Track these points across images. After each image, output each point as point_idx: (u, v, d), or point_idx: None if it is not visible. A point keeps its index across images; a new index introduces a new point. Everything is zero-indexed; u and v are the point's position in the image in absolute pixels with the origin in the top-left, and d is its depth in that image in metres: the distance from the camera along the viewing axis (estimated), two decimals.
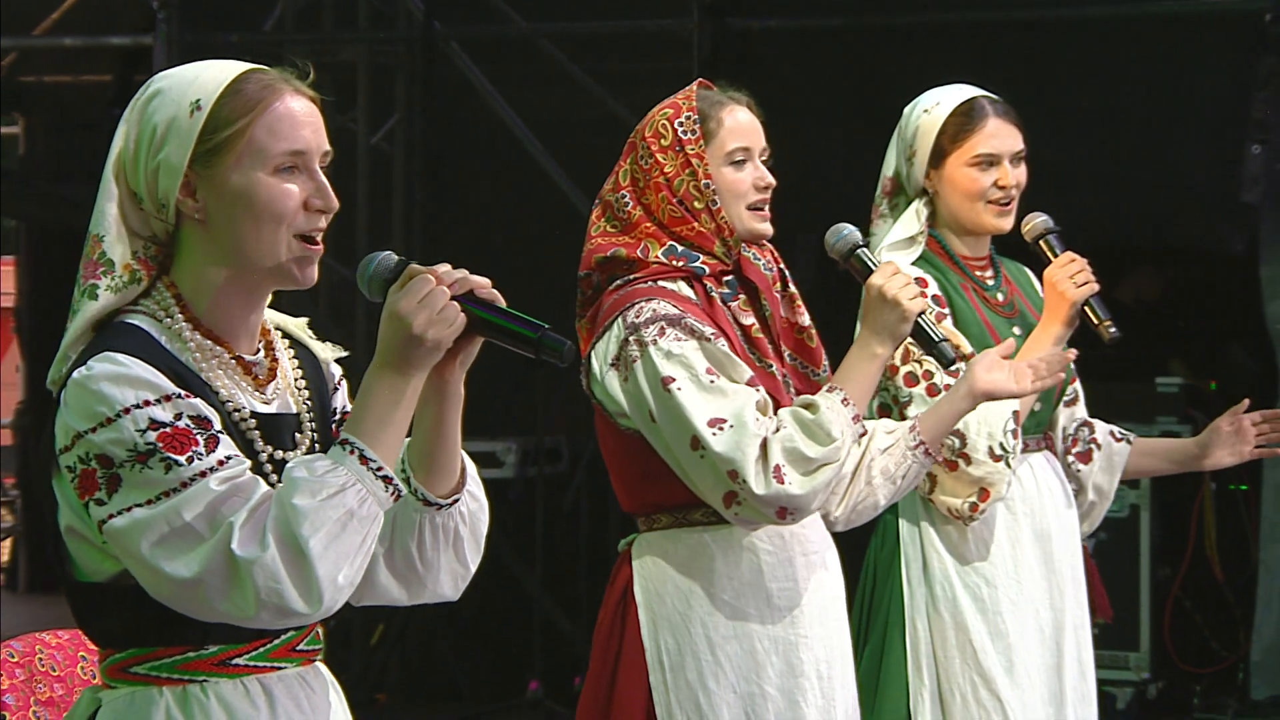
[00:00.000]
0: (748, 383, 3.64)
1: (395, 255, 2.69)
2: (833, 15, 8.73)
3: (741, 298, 3.81)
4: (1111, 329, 4.41)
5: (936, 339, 3.80)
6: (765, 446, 3.58)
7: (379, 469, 2.58)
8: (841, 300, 4.00)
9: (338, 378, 2.90)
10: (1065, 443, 4.56)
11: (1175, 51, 8.29)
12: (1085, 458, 4.59)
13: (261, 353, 2.77)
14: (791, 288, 3.88)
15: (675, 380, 3.61)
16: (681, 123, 3.79)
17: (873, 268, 3.79)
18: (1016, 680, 4.29)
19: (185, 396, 2.58)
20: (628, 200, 3.81)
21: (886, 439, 3.88)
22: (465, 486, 2.80)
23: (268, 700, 2.69)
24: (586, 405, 3.83)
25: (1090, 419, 4.61)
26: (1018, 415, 4.24)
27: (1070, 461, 4.57)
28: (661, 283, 3.74)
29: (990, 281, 4.48)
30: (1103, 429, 4.62)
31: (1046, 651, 4.37)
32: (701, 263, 3.77)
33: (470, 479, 2.82)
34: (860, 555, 4.44)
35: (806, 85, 8.67)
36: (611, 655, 3.77)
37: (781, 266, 3.88)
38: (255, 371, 2.73)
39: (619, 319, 3.70)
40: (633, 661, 3.73)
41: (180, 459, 2.53)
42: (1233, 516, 8.65)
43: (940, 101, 4.44)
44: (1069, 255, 4.42)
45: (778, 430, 3.60)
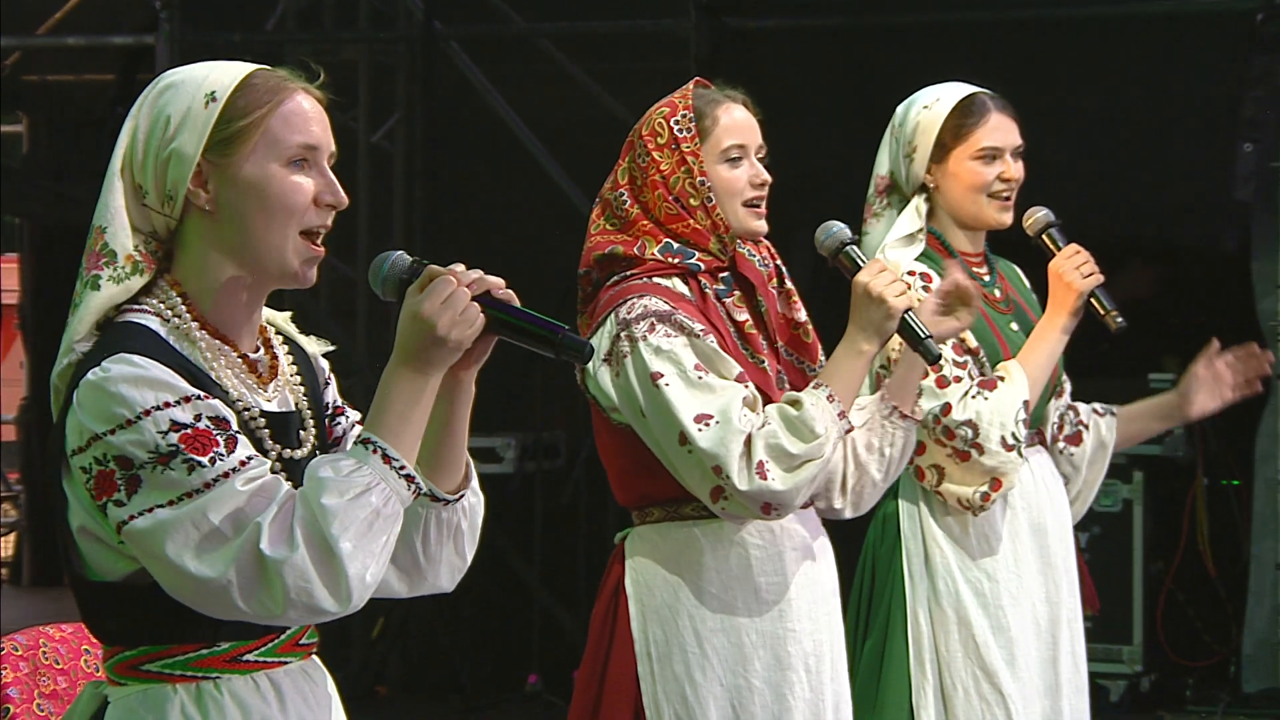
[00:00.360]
0: (736, 379, 3.65)
1: (408, 255, 2.70)
2: (830, 15, 8.73)
3: (736, 294, 3.81)
4: (1118, 319, 4.44)
5: (922, 336, 3.80)
6: (749, 443, 3.59)
7: (401, 468, 2.59)
8: (835, 297, 4.00)
9: (327, 372, 2.90)
10: (1054, 430, 4.57)
11: (1168, 51, 8.29)
12: (1075, 440, 4.61)
13: (261, 350, 2.77)
14: (788, 283, 3.88)
15: (664, 376, 3.62)
16: (677, 121, 3.79)
17: (860, 265, 3.80)
18: (1017, 673, 4.31)
19: (204, 398, 2.58)
20: (625, 199, 3.81)
21: (860, 415, 3.88)
22: (469, 482, 2.81)
23: (277, 695, 2.70)
24: (584, 401, 3.84)
25: (1074, 402, 4.62)
26: (1028, 405, 4.27)
27: (1062, 448, 4.58)
28: (656, 279, 3.75)
29: (987, 278, 4.49)
30: (1085, 409, 4.64)
31: (1043, 644, 4.38)
32: (697, 259, 3.77)
33: (471, 475, 2.83)
34: (857, 547, 4.45)
35: (803, 84, 8.67)
36: (603, 647, 3.78)
37: (778, 262, 3.88)
38: (259, 369, 2.74)
39: (612, 315, 3.71)
40: (622, 653, 3.74)
41: (203, 460, 2.53)
42: (1225, 511, 8.66)
43: (940, 98, 4.44)
44: (1074, 247, 4.44)
45: (763, 426, 3.61)
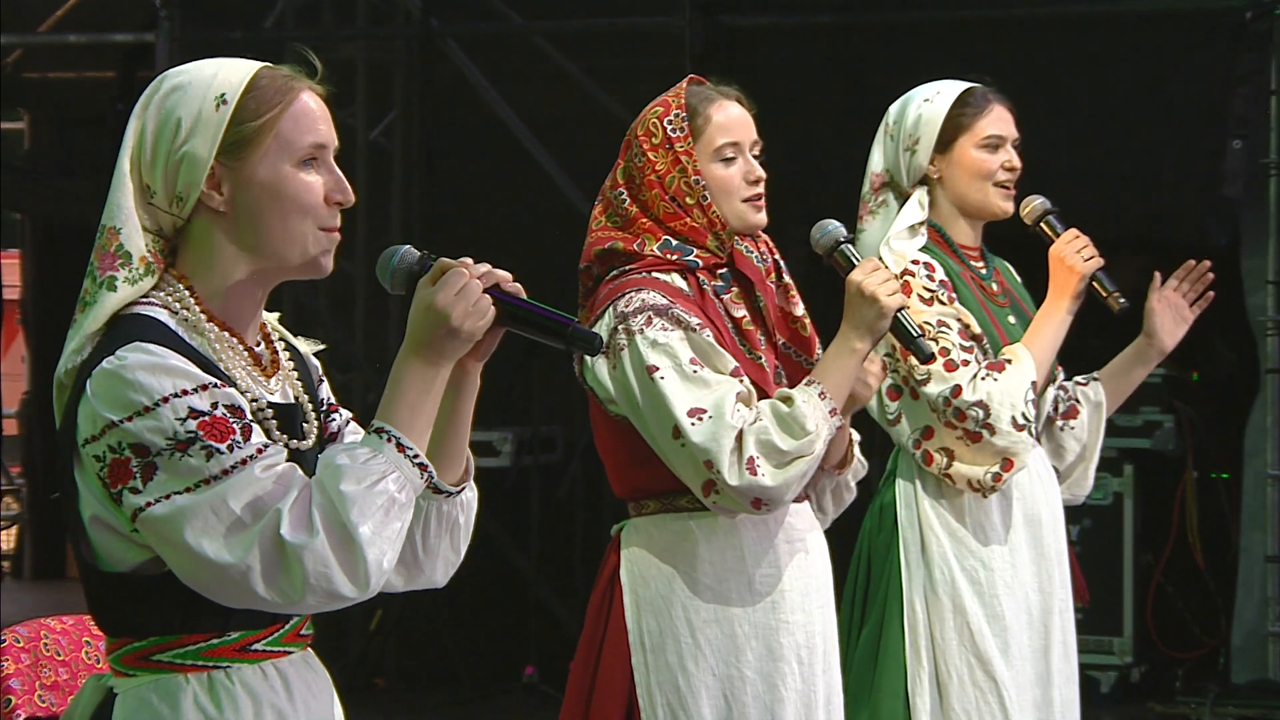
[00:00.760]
0: (731, 373, 3.65)
1: (416, 249, 2.71)
2: (822, 12, 8.73)
3: (734, 290, 3.81)
4: (1121, 300, 4.47)
5: (914, 334, 3.81)
6: (741, 438, 3.59)
7: (415, 456, 2.60)
8: (830, 293, 4.00)
9: (319, 371, 2.90)
10: (1050, 412, 4.58)
11: (1158, 48, 8.30)
12: (1072, 413, 4.62)
13: (263, 344, 2.78)
14: (786, 278, 3.88)
15: (659, 369, 3.62)
16: (670, 121, 3.79)
17: (854, 263, 3.80)
18: (1011, 661, 4.33)
19: (220, 386, 2.58)
20: (624, 197, 3.81)
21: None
22: (470, 475, 2.82)
23: (284, 684, 2.71)
24: (581, 396, 3.84)
25: (1063, 383, 4.63)
26: (1035, 386, 4.30)
27: (1061, 425, 4.59)
28: (655, 274, 3.75)
29: (984, 271, 4.52)
30: (1071, 385, 4.65)
31: (1035, 634, 4.39)
32: (695, 256, 3.77)
33: (471, 468, 2.84)
34: (853, 537, 4.46)
35: (797, 81, 8.68)
36: (597, 637, 3.78)
37: (777, 257, 3.88)
38: (262, 362, 2.74)
39: (610, 308, 3.71)
40: (616, 643, 3.74)
41: (221, 447, 2.53)
42: (1214, 504, 8.67)
43: (940, 91, 4.47)
44: (1073, 232, 4.49)
45: (754, 422, 3.61)
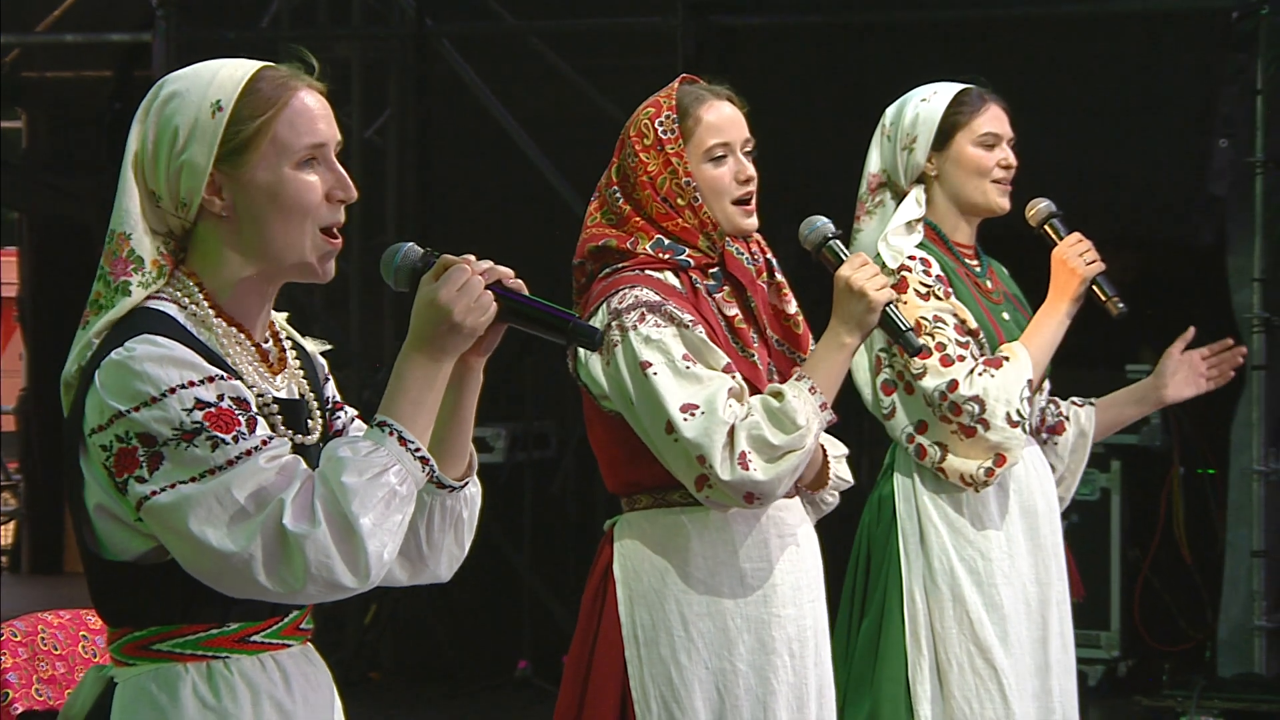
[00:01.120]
0: (724, 370, 3.66)
1: (419, 247, 2.72)
2: (813, 13, 8.73)
3: (726, 289, 3.82)
4: (1119, 304, 4.50)
5: (903, 328, 3.82)
6: (733, 433, 3.60)
7: (417, 450, 2.61)
8: (819, 291, 4.01)
9: (325, 370, 2.91)
10: (1036, 423, 4.59)
11: (1145, 48, 8.30)
12: (1058, 430, 4.65)
13: (270, 342, 2.79)
14: (778, 276, 3.88)
15: (652, 365, 3.63)
16: (662, 122, 3.79)
17: (843, 259, 3.81)
18: (1010, 650, 4.35)
19: (226, 378, 2.60)
20: (618, 196, 3.82)
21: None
22: (473, 471, 2.84)
23: (282, 676, 2.71)
24: (574, 392, 3.84)
25: (1054, 396, 4.65)
26: (1031, 384, 4.32)
27: (1045, 438, 4.62)
28: (648, 271, 3.75)
29: (979, 270, 4.55)
30: (1064, 402, 4.69)
31: (1033, 624, 4.42)
32: (687, 255, 3.78)
33: (475, 464, 2.86)
34: (852, 529, 4.48)
35: (789, 81, 8.67)
36: (591, 631, 3.78)
37: (769, 256, 3.89)
38: (269, 359, 2.75)
39: (604, 304, 3.71)
40: (610, 637, 3.74)
41: (226, 438, 2.54)
42: (1200, 500, 8.67)
43: (937, 91, 4.50)
44: (1076, 235, 4.52)
45: (746, 417, 3.61)
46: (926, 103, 4.48)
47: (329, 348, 2.94)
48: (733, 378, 3.65)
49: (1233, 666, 7.89)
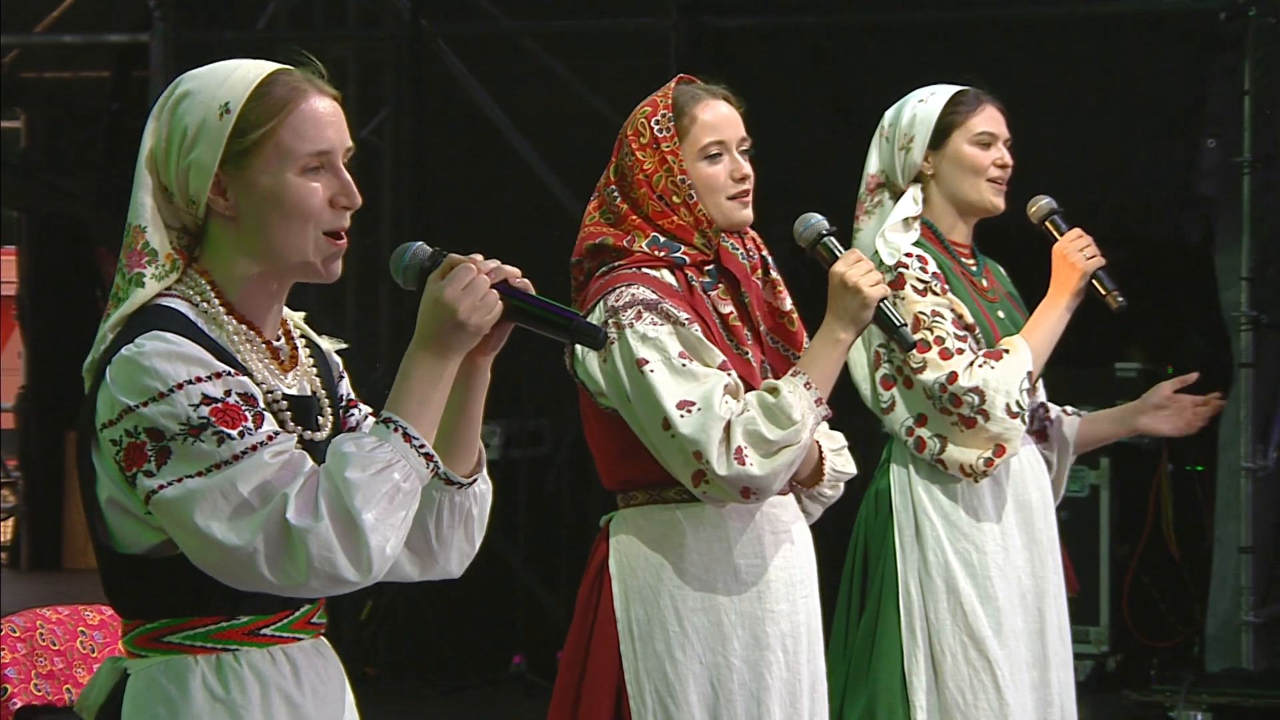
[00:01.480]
0: (719, 367, 3.65)
1: (428, 246, 2.73)
2: (805, 14, 8.73)
3: (721, 286, 3.82)
4: (1119, 298, 4.55)
5: (897, 324, 3.83)
6: (729, 429, 3.60)
7: (421, 446, 2.63)
8: (811, 289, 4.01)
9: (340, 368, 2.93)
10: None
11: (1135, 49, 8.30)
12: (1041, 436, 4.66)
13: (282, 340, 2.81)
14: (774, 274, 3.88)
15: (649, 362, 3.62)
16: (658, 121, 3.80)
17: (837, 255, 3.81)
18: (1004, 641, 4.38)
19: (233, 374, 2.61)
20: (616, 195, 3.82)
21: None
22: (482, 468, 2.85)
23: (292, 669, 2.73)
24: (568, 390, 3.84)
25: (1046, 402, 4.67)
26: (1031, 376, 4.35)
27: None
28: (645, 269, 3.75)
29: (974, 269, 4.58)
30: (1055, 410, 4.71)
31: (1029, 617, 4.44)
32: (683, 253, 3.78)
33: (484, 461, 2.87)
34: (849, 524, 4.49)
35: (781, 81, 8.67)
36: (586, 626, 3.78)
37: (764, 254, 3.89)
38: (280, 356, 2.77)
39: (600, 302, 3.71)
40: (605, 632, 3.74)
41: (232, 433, 2.56)
42: (1189, 496, 8.68)
43: (934, 93, 4.54)
44: (1076, 231, 4.57)
45: (742, 413, 3.61)
46: (924, 103, 4.52)
47: (344, 346, 2.97)
48: (728, 375, 3.65)
49: (1221, 661, 7.90)
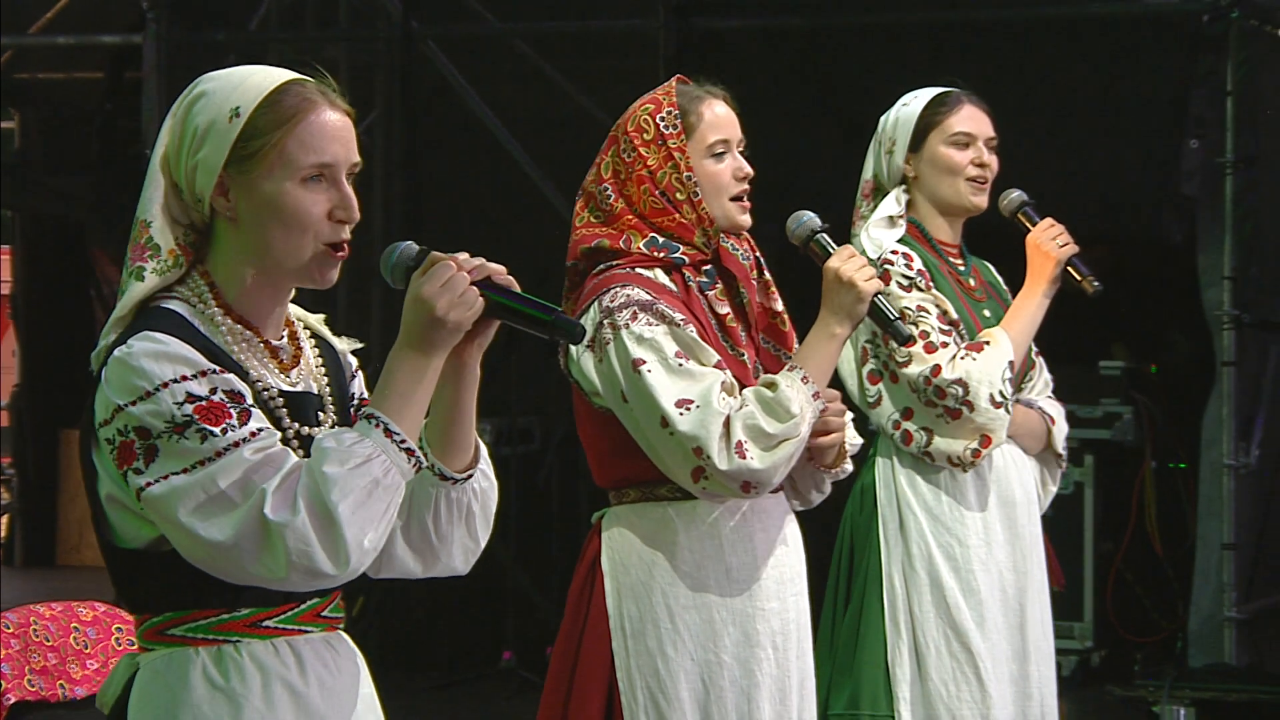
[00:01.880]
0: (715, 366, 3.65)
1: (416, 245, 2.75)
2: (793, 15, 8.73)
3: (719, 286, 3.82)
4: (1094, 283, 4.57)
5: (891, 318, 3.84)
6: (728, 424, 3.60)
7: (402, 441, 2.65)
8: (798, 290, 4.01)
9: (354, 367, 2.95)
10: None
11: (1119, 51, 8.31)
12: None
13: (286, 340, 2.82)
14: (766, 274, 3.89)
15: (645, 363, 3.62)
16: (663, 117, 3.79)
17: (830, 252, 3.81)
18: (987, 634, 4.40)
19: (220, 372, 2.64)
20: (610, 193, 3.81)
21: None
22: (478, 464, 2.87)
23: (296, 660, 2.74)
24: (558, 388, 3.84)
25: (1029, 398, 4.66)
26: (1013, 365, 4.37)
27: None
28: (639, 270, 3.75)
29: (962, 267, 4.60)
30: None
31: (1010, 611, 4.45)
32: (682, 253, 3.78)
33: (482, 459, 2.91)
34: (836, 520, 4.49)
35: (768, 82, 8.66)
36: (579, 622, 3.78)
37: (758, 255, 3.89)
38: (281, 355, 2.79)
39: (595, 303, 3.71)
40: (597, 628, 3.74)
41: (215, 430, 2.59)
42: (1172, 494, 8.69)
43: (917, 96, 4.57)
44: (1049, 221, 4.59)
45: (741, 408, 3.61)
46: (906, 107, 4.56)
47: (360, 346, 2.98)
48: (724, 373, 3.65)
49: (1203, 657, 7.91)
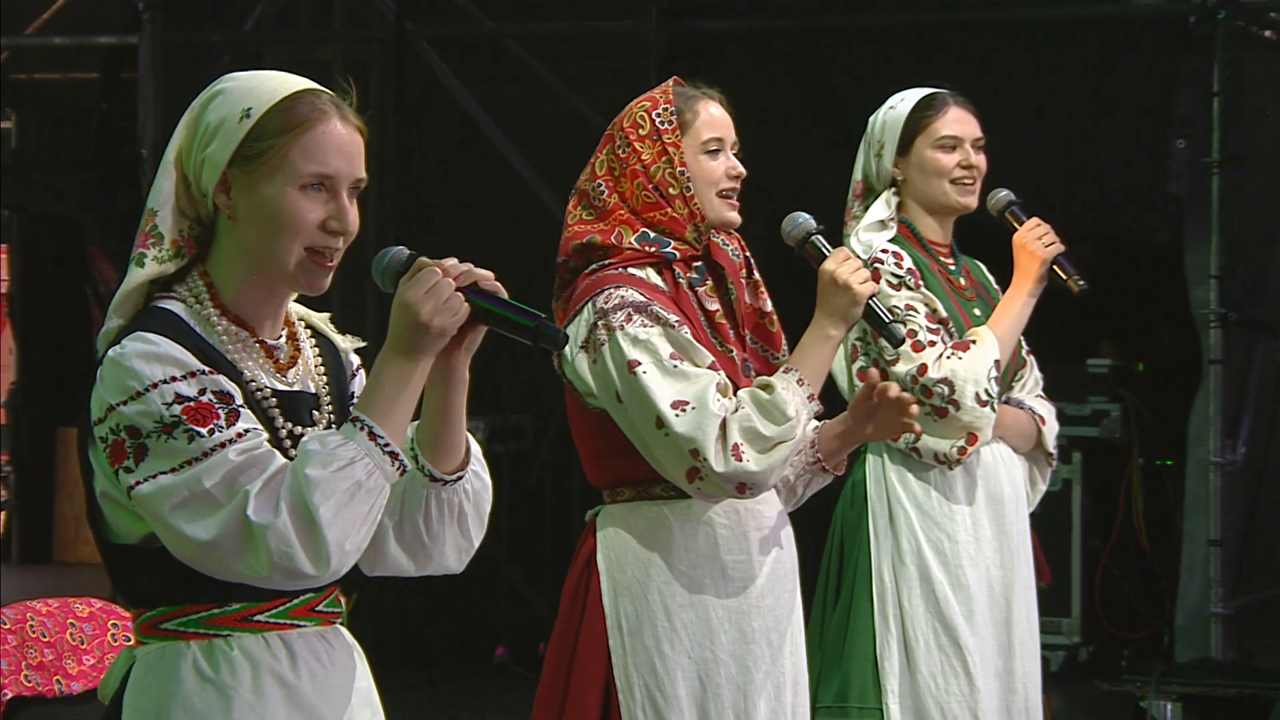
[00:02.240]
0: (709, 367, 3.66)
1: (406, 250, 2.76)
2: (784, 16, 8.73)
3: (708, 283, 3.82)
4: (1080, 282, 4.58)
5: (886, 320, 3.84)
6: (724, 426, 3.60)
7: (386, 445, 2.66)
8: (794, 290, 4.01)
9: (356, 366, 2.97)
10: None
11: (1106, 52, 8.31)
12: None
13: (284, 339, 2.84)
14: (756, 275, 3.89)
15: (641, 364, 3.63)
16: (659, 114, 3.80)
17: (826, 254, 3.82)
18: (975, 629, 4.40)
19: (209, 373, 2.66)
20: (603, 189, 3.82)
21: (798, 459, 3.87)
22: (469, 465, 2.89)
23: (288, 653, 2.75)
24: (550, 386, 3.84)
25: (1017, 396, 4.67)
26: (999, 364, 4.38)
27: None
28: (631, 270, 3.75)
29: (953, 266, 4.61)
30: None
31: (996, 606, 4.46)
32: (673, 248, 3.78)
33: (475, 459, 2.91)
34: (827, 517, 4.50)
35: (759, 83, 8.67)
36: (574, 620, 3.78)
37: (748, 254, 3.89)
38: (277, 355, 2.81)
39: (589, 304, 3.71)
40: (594, 626, 3.74)
41: (202, 431, 2.61)
42: (1159, 490, 8.70)
43: (904, 98, 4.57)
44: (1035, 220, 4.60)
45: (736, 410, 3.62)
46: (893, 110, 4.57)
47: (363, 345, 2.99)
48: (719, 374, 3.66)
49: (1190, 652, 7.91)
